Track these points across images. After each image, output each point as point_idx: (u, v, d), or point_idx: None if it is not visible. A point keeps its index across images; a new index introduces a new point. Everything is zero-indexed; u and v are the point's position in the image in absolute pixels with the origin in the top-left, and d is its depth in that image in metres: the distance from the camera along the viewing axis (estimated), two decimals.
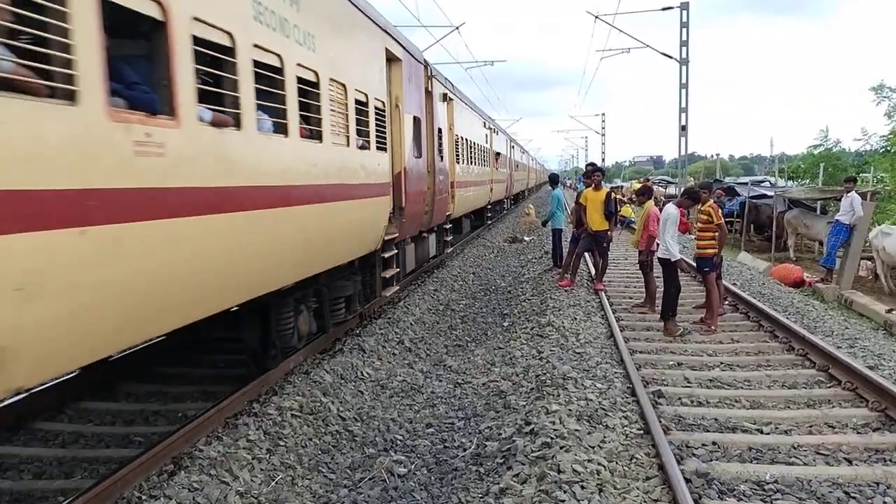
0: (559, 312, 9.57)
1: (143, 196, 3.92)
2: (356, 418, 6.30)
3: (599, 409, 5.49)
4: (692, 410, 6.06)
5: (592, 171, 12.16)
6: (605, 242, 11.60)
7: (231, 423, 5.48)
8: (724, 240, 9.34)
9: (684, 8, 28.09)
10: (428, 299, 11.46)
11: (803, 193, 20.85)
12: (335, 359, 7.60)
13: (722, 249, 9.29)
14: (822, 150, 32.57)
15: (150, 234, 4.00)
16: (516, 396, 6.54)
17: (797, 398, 6.44)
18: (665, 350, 8.20)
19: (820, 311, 10.30)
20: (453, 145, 15.70)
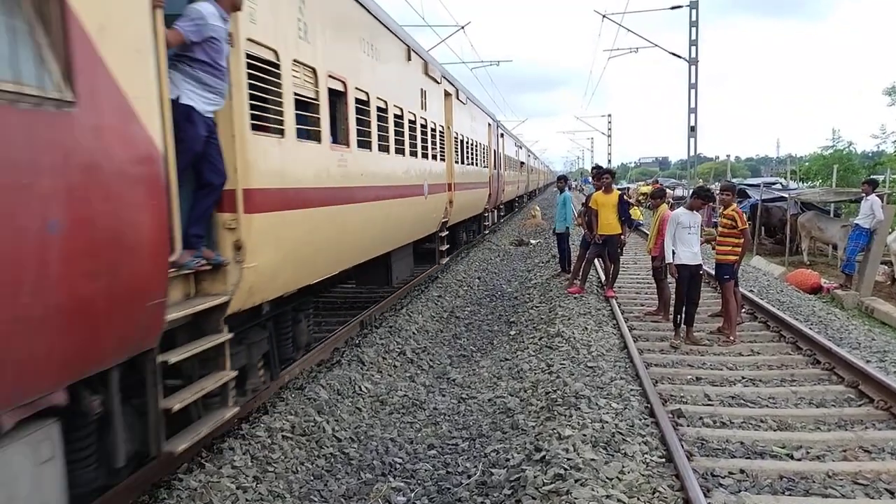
0: (569, 321, 9.12)
1: (339, 191, 6.73)
2: (353, 438, 5.87)
3: (616, 433, 5.04)
4: (716, 433, 5.61)
5: (602, 173, 11.67)
6: (617, 247, 11.15)
7: (216, 448, 5.04)
8: (747, 247, 8.85)
9: (693, 7, 27.62)
10: (432, 306, 11.02)
11: (817, 196, 20.33)
12: (332, 372, 7.17)
13: (733, 253, 8.77)
14: (834, 152, 32.07)
15: (342, 212, 6.79)
16: (525, 416, 6.09)
17: (827, 418, 5.98)
18: (682, 363, 7.75)
19: (843, 321, 9.81)
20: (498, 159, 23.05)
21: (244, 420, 5.71)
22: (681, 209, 8.66)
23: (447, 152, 13.49)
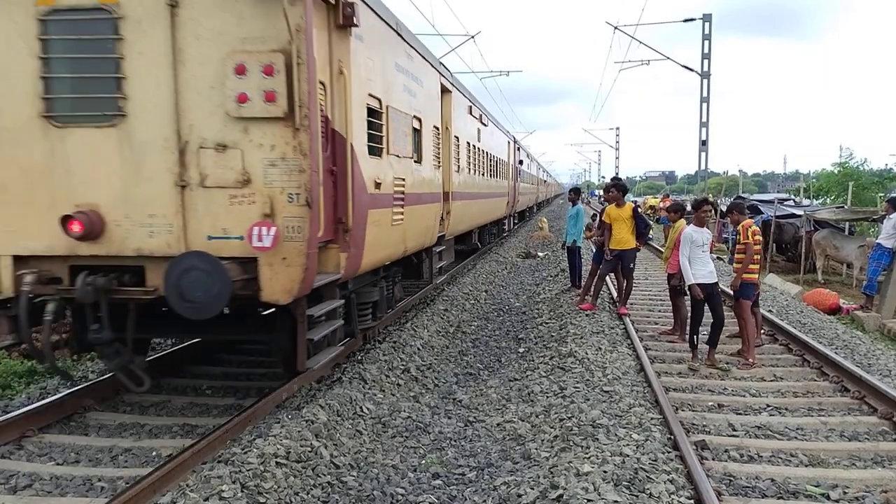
0: (581, 340, 8.71)
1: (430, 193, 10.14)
2: (352, 465, 5.46)
3: (639, 469, 4.62)
4: (744, 468, 5.20)
5: (609, 187, 11.33)
6: (631, 263, 10.75)
7: (203, 477, 4.64)
8: (747, 262, 8.40)
9: (706, 20, 27.31)
10: (437, 320, 10.62)
11: (834, 214, 19.89)
12: (332, 391, 6.76)
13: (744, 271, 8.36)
14: (846, 168, 31.65)
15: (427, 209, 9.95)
16: (537, 445, 5.68)
17: (862, 453, 5.57)
18: (702, 387, 7.35)
19: (868, 345, 9.39)
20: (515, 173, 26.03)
21: (235, 441, 5.33)
22: (691, 227, 8.29)
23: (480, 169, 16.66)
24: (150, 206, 5.55)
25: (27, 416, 6.06)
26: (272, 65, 5.29)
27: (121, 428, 6.29)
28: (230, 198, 5.49)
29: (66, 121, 5.59)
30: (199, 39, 5.41)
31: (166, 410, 6.78)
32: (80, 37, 5.50)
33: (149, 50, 5.44)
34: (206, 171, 5.49)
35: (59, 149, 5.61)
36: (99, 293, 5.49)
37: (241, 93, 5.32)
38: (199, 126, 5.46)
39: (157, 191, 5.53)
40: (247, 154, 5.45)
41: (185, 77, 5.44)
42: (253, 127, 5.41)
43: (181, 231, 5.55)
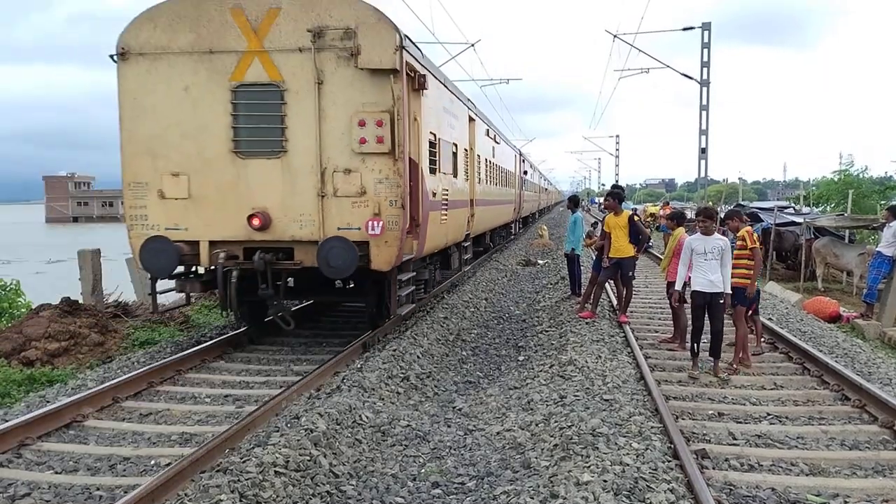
0: (581, 348, 8.69)
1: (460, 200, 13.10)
2: (351, 474, 5.44)
3: (639, 478, 4.61)
4: (744, 477, 5.19)
5: (606, 195, 11.33)
6: (630, 271, 10.74)
7: (202, 486, 4.63)
8: (758, 269, 8.49)
9: (706, 28, 27.39)
10: (437, 328, 10.60)
11: (834, 221, 19.89)
12: (332, 398, 6.75)
13: (755, 280, 8.44)
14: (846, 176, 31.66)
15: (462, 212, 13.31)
16: (537, 453, 5.66)
17: (863, 462, 5.56)
18: (702, 396, 7.33)
19: (869, 353, 9.37)
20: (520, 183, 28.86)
21: (234, 449, 5.32)
22: (697, 234, 8.30)
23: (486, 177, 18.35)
24: (301, 209, 8.54)
25: (26, 425, 6.05)
26: (382, 120, 8.30)
27: (119, 436, 6.29)
28: (352, 203, 8.51)
29: (247, 155, 8.59)
30: (335, 104, 8.38)
31: (165, 419, 6.77)
32: (258, 102, 8.50)
33: (303, 110, 8.41)
34: (337, 186, 8.49)
35: (243, 173, 8.60)
36: (266, 265, 8.29)
37: (361, 137, 8.34)
38: (334, 158, 8.46)
39: (306, 199, 8.52)
40: (364, 175, 8.45)
41: (325, 128, 8.42)
42: (368, 158, 8.43)
43: (320, 224, 8.52)
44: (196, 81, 8.56)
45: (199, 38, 8.51)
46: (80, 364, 9.03)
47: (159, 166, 8.70)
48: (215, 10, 8.47)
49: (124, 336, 10.36)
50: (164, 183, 8.69)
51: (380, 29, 8.32)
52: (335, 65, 8.36)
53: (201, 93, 8.56)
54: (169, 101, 8.61)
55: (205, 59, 8.53)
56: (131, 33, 8.62)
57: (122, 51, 8.64)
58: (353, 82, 8.35)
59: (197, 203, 8.68)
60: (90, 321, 10.00)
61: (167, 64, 8.58)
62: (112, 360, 9.18)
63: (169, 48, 8.56)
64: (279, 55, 8.43)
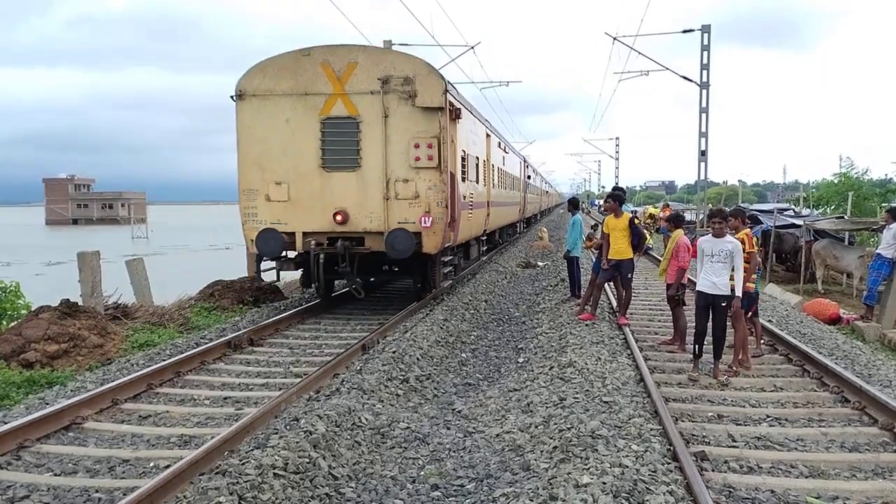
0: (581, 350, 8.69)
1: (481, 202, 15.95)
2: (350, 476, 5.43)
3: (639, 480, 4.60)
4: (744, 479, 5.18)
5: (607, 197, 11.31)
6: (629, 273, 10.74)
7: (201, 489, 4.62)
8: (752, 272, 8.48)
9: (705, 31, 27.43)
10: (437, 330, 10.59)
11: (834, 224, 19.89)
12: (331, 401, 6.75)
13: (748, 280, 8.43)
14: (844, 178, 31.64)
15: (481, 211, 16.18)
16: (536, 455, 5.65)
17: (863, 464, 5.55)
18: (702, 398, 7.33)
19: (869, 355, 9.37)
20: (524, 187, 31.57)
21: (233, 452, 5.31)
22: (708, 236, 8.27)
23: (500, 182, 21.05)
24: (371, 208, 11.50)
25: (25, 427, 6.04)
26: (431, 143, 11.31)
27: (119, 438, 6.28)
28: (409, 204, 11.46)
29: (332, 169, 11.52)
30: (397, 131, 11.34)
31: (164, 421, 6.77)
32: (340, 130, 11.46)
33: (373, 136, 11.38)
34: (398, 191, 11.44)
35: (328, 182, 11.54)
36: (345, 249, 11.32)
37: (416, 156, 11.33)
38: (395, 171, 11.41)
39: (375, 201, 11.48)
40: (417, 184, 11.42)
41: (389, 149, 11.39)
42: (421, 171, 11.39)
43: (385, 219, 11.46)
44: (294, 115, 11.54)
45: (297, 84, 11.50)
46: (80, 366, 9.02)
47: (266, 177, 11.66)
48: (309, 64, 11.49)
49: (124, 338, 10.35)
50: (270, 189, 11.67)
51: (431, 78, 11.44)
52: (397, 103, 11.36)
53: (298, 124, 11.53)
54: (274, 129, 11.57)
55: (301, 99, 11.53)
56: (246, 80, 11.63)
57: (239, 93, 11.63)
58: (410, 116, 11.36)
59: (294, 204, 11.65)
60: (89, 323, 9.98)
61: (273, 103, 11.55)
62: (111, 362, 9.17)
63: (274, 91, 11.55)
64: (356, 96, 11.43)
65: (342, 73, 11.42)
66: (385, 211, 11.48)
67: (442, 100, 11.37)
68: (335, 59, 11.45)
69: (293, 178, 11.62)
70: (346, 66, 11.42)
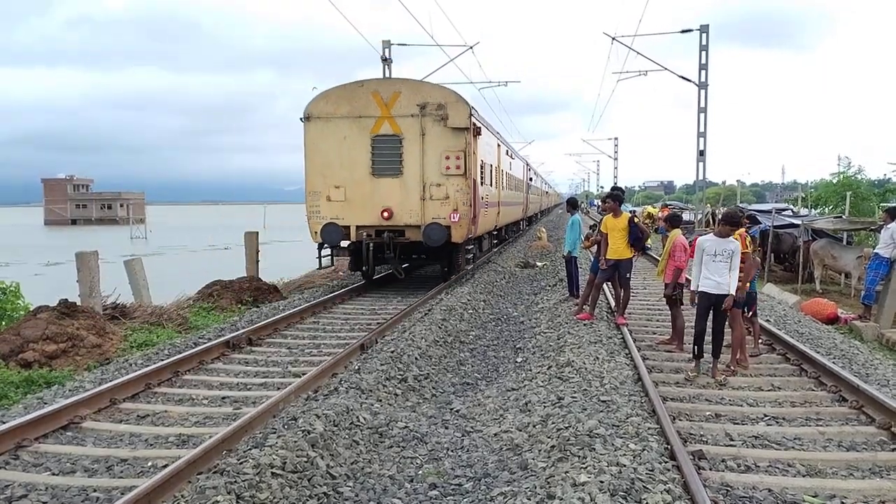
0: (579, 350, 8.70)
1: (493, 202, 18.92)
2: (348, 476, 5.44)
3: (636, 478, 4.60)
4: (741, 478, 5.19)
5: (606, 197, 11.28)
6: (628, 272, 10.75)
7: (199, 487, 4.63)
8: (749, 272, 8.47)
9: (704, 31, 27.43)
10: (435, 330, 10.60)
11: (832, 224, 19.90)
12: (329, 400, 6.76)
13: (748, 281, 8.44)
14: (843, 178, 31.66)
15: (493, 209, 19.07)
16: (534, 455, 5.66)
17: (860, 463, 5.56)
18: (699, 397, 7.34)
19: (867, 355, 9.38)
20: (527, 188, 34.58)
21: (231, 452, 5.32)
22: (710, 235, 8.25)
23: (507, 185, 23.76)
24: (411, 206, 14.31)
25: (23, 426, 6.04)
26: (459, 155, 14.16)
27: (117, 438, 6.28)
28: (440, 203, 14.25)
29: (380, 175, 14.36)
30: (432, 146, 14.16)
31: (163, 420, 6.77)
32: (386, 145, 14.28)
33: (413, 150, 14.23)
34: (432, 193, 14.22)
35: (377, 186, 14.36)
36: (390, 239, 14.17)
37: (447, 165, 14.17)
38: (430, 177, 14.21)
39: (414, 201, 14.29)
40: (448, 187, 14.18)
41: (425, 160, 14.21)
42: (451, 178, 14.19)
43: (422, 215, 14.23)
44: (350, 133, 14.49)
45: (353, 109, 14.43)
46: (78, 366, 9.03)
47: (327, 182, 14.57)
48: (362, 93, 14.47)
49: (122, 338, 10.36)
50: (331, 192, 14.57)
51: (459, 105, 14.46)
52: (432, 124, 14.30)
53: (353, 140, 14.47)
54: (334, 144, 14.51)
55: (356, 121, 14.47)
56: (313, 105, 14.63)
57: (307, 115, 14.64)
58: (442, 134, 14.32)
59: (349, 203, 14.56)
60: (88, 323, 10.00)
61: (334, 123, 14.52)
62: (110, 362, 9.18)
63: (335, 114, 14.52)
64: (399, 119, 14.37)
65: (388, 100, 14.32)
66: (422, 209, 14.38)
67: (468, 121, 14.35)
68: (383, 89, 14.45)
69: (349, 183, 14.48)
70: (391, 94, 14.36)
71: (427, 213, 14.32)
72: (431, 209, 14.31)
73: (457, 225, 14.38)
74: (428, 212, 14.32)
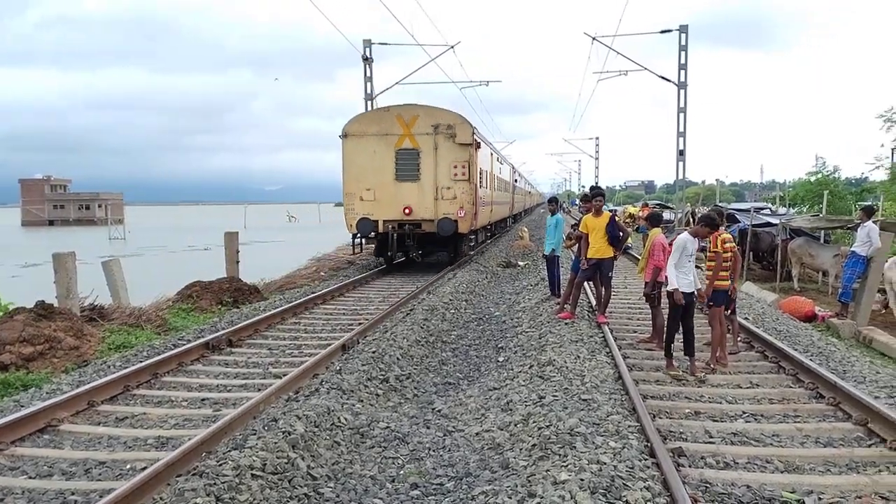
0: (560, 349, 8.73)
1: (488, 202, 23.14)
2: (329, 476, 5.42)
3: (616, 476, 4.63)
4: (720, 475, 5.23)
5: (592, 196, 11.24)
6: (610, 271, 10.79)
7: (177, 490, 4.59)
8: (717, 270, 8.51)
9: (683, 31, 27.63)
10: (417, 329, 10.60)
11: (809, 222, 20.12)
12: (310, 401, 6.73)
13: (714, 280, 8.48)
14: (821, 177, 32.03)
15: (488, 207, 23.24)
16: (515, 453, 5.67)
17: (837, 459, 5.63)
18: (679, 395, 7.39)
19: (844, 352, 9.49)
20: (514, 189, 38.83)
21: (210, 453, 5.28)
22: (685, 234, 8.31)
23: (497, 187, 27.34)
24: (426, 205, 18.15)
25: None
26: (464, 165, 18.15)
27: (95, 440, 6.21)
28: (450, 202, 18.13)
29: (402, 180, 18.17)
30: (443, 158, 18.10)
31: (141, 423, 6.70)
32: (407, 157, 18.14)
33: (428, 161, 18.13)
34: (443, 195, 18.09)
35: (400, 189, 18.14)
36: (410, 230, 18.10)
37: (455, 173, 18.09)
38: (441, 182, 18.10)
39: (429, 200, 18.15)
40: (455, 190, 18.09)
41: (438, 169, 18.11)
42: (458, 182, 18.10)
43: (435, 212, 18.08)
44: (378, 148, 18.22)
45: (380, 128, 18.24)
46: (55, 368, 8.93)
47: (360, 186, 18.26)
48: (388, 116, 18.38)
49: (100, 340, 10.25)
50: (363, 193, 18.25)
51: (465, 125, 18.38)
52: (443, 140, 18.13)
53: (381, 153, 18.21)
54: (366, 156, 18.25)
55: (383, 138, 18.23)
56: (349, 126, 18.44)
57: (344, 134, 18.39)
58: (451, 148, 18.16)
59: (378, 202, 18.24)
60: (65, 325, 9.89)
61: (365, 140, 18.26)
62: (87, 364, 9.08)
63: (366, 133, 18.30)
64: (417, 136, 18.14)
65: (409, 122, 18.17)
66: (435, 206, 18.18)
67: (471, 138, 18.37)
68: (405, 113, 18.24)
69: (377, 186, 18.19)
70: (411, 117, 18.18)
71: (439, 209, 18.11)
72: (443, 207, 18.11)
73: (462, 219, 18.20)
74: (440, 209, 18.11)
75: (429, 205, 18.13)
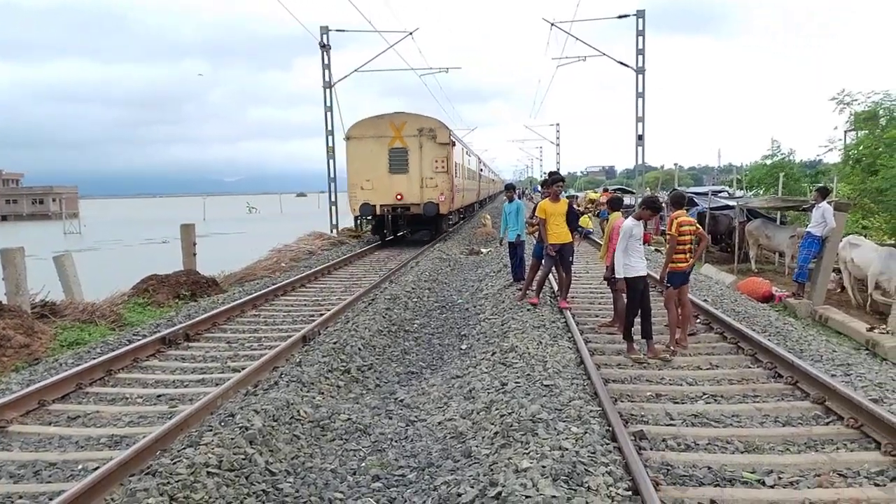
0: (522, 335, 8.70)
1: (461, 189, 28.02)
2: (288, 471, 5.31)
3: (578, 462, 4.60)
4: (681, 457, 5.24)
5: (552, 182, 11.19)
6: (571, 256, 10.79)
7: (129, 490, 4.44)
8: (670, 252, 8.55)
9: (640, 16, 27.79)
10: (379, 319, 10.49)
11: (766, 202, 20.42)
12: (269, 394, 6.60)
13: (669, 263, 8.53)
14: (776, 161, 32.52)
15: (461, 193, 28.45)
16: (477, 442, 5.62)
17: (795, 438, 5.68)
18: (640, 378, 7.41)
19: (801, 331, 9.62)
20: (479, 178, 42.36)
21: (165, 451, 5.13)
22: (630, 220, 8.34)
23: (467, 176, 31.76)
24: (414, 192, 22.89)
25: None
26: (443, 160, 23.09)
27: (45, 441, 6.01)
28: (432, 190, 22.94)
29: (394, 173, 22.95)
30: (426, 155, 22.99)
31: (94, 421, 6.51)
32: (398, 155, 22.95)
33: (415, 158, 22.97)
34: (427, 183, 22.93)
35: (391, 180, 22.91)
36: (402, 212, 22.99)
37: (436, 166, 23.00)
38: (426, 174, 22.94)
39: (416, 188, 22.91)
40: (437, 179, 23.00)
41: (423, 164, 22.94)
42: (438, 174, 23.02)
43: (421, 197, 22.82)
44: (374, 148, 22.58)
45: (377, 132, 22.63)
46: (4, 367, 8.65)
47: (361, 177, 22.60)
48: (382, 122, 22.78)
49: (52, 337, 9.96)
50: (363, 183, 22.54)
51: (444, 129, 23.19)
52: (426, 141, 22.64)
53: (377, 152, 22.58)
54: (365, 154, 22.58)
55: (378, 140, 22.61)
56: (351, 130, 23.01)
57: (347, 136, 22.91)
58: (433, 147, 22.69)
59: (375, 191, 22.48)
60: (15, 322, 9.58)
61: (364, 141, 22.61)
62: (39, 362, 8.82)
63: (365, 136, 22.67)
64: (406, 138, 22.61)
65: (399, 126, 22.70)
66: (421, 193, 22.68)
67: (448, 139, 23.13)
68: (396, 119, 22.81)
69: (374, 178, 22.59)
70: (401, 123, 22.76)
71: (424, 195, 22.66)
72: (427, 193, 22.68)
73: (443, 203, 22.84)
74: (425, 195, 22.65)
75: (416, 192, 22.65)
